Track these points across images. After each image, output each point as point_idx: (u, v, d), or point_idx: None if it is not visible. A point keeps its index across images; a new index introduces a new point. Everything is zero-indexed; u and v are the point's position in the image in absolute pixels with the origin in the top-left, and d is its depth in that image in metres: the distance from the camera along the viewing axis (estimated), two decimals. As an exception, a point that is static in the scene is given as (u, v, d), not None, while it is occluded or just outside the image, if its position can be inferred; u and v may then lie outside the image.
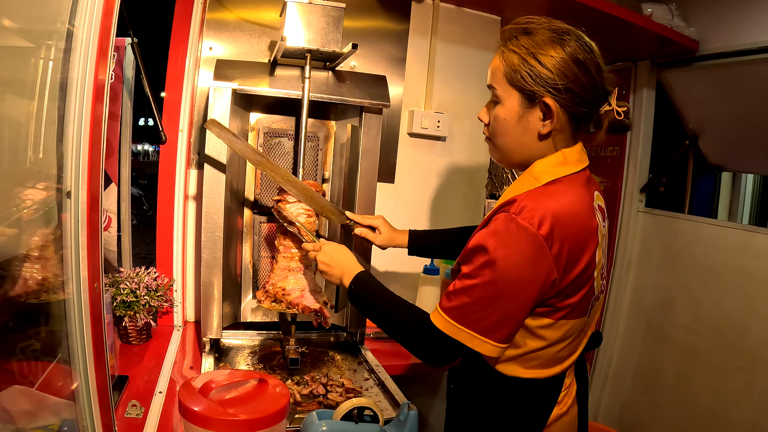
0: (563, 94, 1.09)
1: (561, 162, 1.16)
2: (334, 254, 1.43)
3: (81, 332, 0.95)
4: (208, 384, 1.18)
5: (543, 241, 1.03)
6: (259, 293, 1.67)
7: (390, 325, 1.25)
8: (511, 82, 1.13)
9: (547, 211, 1.04)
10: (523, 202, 1.07)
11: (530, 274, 1.05)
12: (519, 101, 1.14)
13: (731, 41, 2.26)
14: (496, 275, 1.05)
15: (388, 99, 1.78)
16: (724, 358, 2.22)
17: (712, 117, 2.58)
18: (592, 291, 1.16)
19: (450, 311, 1.11)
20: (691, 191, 2.83)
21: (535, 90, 1.10)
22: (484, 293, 1.07)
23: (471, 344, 1.09)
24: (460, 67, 2.28)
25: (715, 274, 2.30)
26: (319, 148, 1.91)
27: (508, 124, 1.16)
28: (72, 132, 0.91)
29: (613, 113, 1.16)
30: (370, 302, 1.31)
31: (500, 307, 1.06)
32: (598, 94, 1.14)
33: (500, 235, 1.06)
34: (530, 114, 1.13)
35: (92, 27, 0.90)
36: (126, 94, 1.93)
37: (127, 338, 1.80)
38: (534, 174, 1.15)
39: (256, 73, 1.72)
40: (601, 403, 2.79)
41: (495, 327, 1.07)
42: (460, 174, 2.36)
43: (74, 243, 0.92)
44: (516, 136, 1.17)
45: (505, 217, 1.07)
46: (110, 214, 1.96)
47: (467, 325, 1.08)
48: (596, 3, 2.03)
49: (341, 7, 1.63)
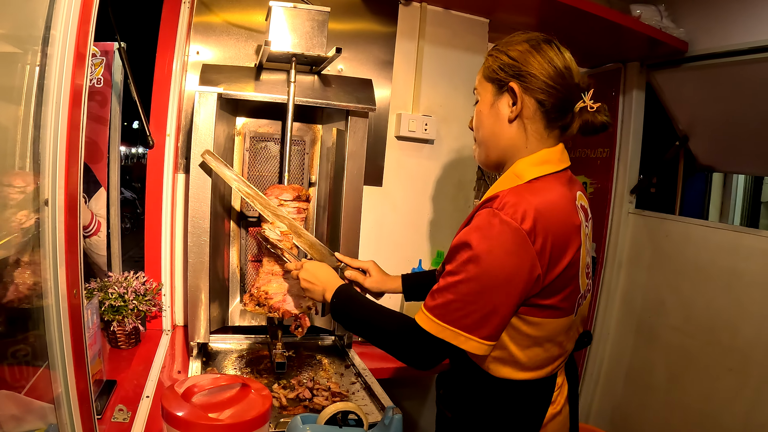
0: (526, 79, 1.17)
1: (542, 161, 1.18)
2: (315, 271, 1.44)
3: (60, 339, 0.95)
4: (191, 389, 1.19)
5: (526, 235, 1.04)
6: (245, 297, 1.67)
7: (373, 332, 1.25)
8: (486, 78, 1.24)
9: (530, 206, 1.06)
10: (505, 198, 1.09)
11: (514, 268, 1.05)
12: (491, 91, 1.23)
13: (720, 42, 2.26)
14: (480, 270, 1.06)
15: (373, 102, 1.79)
16: (714, 359, 2.22)
17: (702, 117, 2.58)
18: (578, 289, 1.17)
19: (434, 309, 1.11)
20: (682, 192, 2.84)
21: (501, 77, 1.20)
22: (468, 289, 1.07)
23: (456, 342, 1.08)
24: (448, 70, 2.28)
25: (705, 276, 2.30)
26: (305, 151, 1.91)
27: (483, 115, 1.25)
28: (49, 137, 0.91)
29: (587, 109, 1.19)
30: (352, 313, 1.31)
31: (485, 302, 1.07)
32: (567, 86, 1.18)
33: (483, 230, 1.07)
34: (500, 101, 1.21)
35: (69, 32, 0.91)
36: (115, 98, 1.93)
37: (116, 342, 1.80)
38: (516, 172, 1.18)
39: (242, 77, 1.72)
40: (592, 404, 2.79)
41: (480, 323, 1.07)
42: (448, 176, 2.36)
43: (52, 250, 0.92)
44: (490, 125, 1.24)
45: (488, 213, 1.08)
46: (100, 219, 1.96)
47: (452, 323, 1.08)
48: (585, 5, 2.04)
49: (326, 11, 1.63)
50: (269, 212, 1.60)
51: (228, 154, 1.81)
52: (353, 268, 1.63)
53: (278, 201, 1.64)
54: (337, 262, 1.63)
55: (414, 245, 2.33)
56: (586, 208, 1.25)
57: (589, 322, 2.71)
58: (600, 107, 1.19)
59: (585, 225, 1.20)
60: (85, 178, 1.91)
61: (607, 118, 1.20)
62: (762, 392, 2.03)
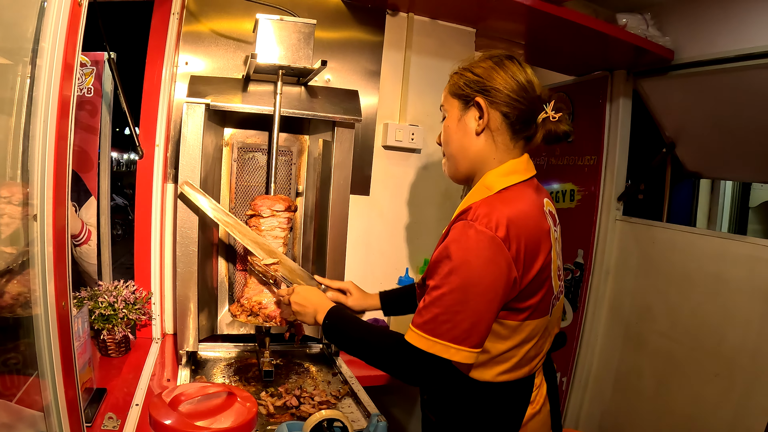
0: (491, 93, 1.22)
1: (510, 171, 1.24)
2: (306, 294, 1.48)
3: (49, 348, 0.97)
4: (179, 397, 1.22)
5: (501, 242, 1.09)
6: (233, 307, 1.69)
7: (366, 352, 1.27)
8: (452, 94, 1.30)
9: (502, 215, 1.11)
10: (478, 209, 1.13)
11: (494, 274, 1.09)
12: (458, 107, 1.28)
13: (706, 50, 2.28)
14: (462, 280, 1.09)
15: (359, 113, 1.81)
16: (701, 364, 2.24)
17: (688, 125, 2.61)
18: (551, 291, 1.22)
19: (422, 326, 1.13)
20: (669, 199, 2.86)
21: (467, 93, 1.25)
22: (453, 300, 1.10)
23: (447, 354, 1.11)
24: (435, 80, 2.30)
25: (692, 282, 2.31)
26: (292, 162, 1.93)
27: (450, 130, 1.31)
28: (37, 148, 0.92)
29: (549, 119, 1.24)
30: (344, 333, 1.33)
31: (470, 311, 1.09)
32: (530, 99, 1.23)
33: (461, 241, 1.11)
34: (467, 116, 1.27)
35: (57, 44, 0.92)
36: (105, 107, 1.94)
37: (106, 351, 1.81)
38: (486, 184, 1.23)
39: (230, 88, 1.74)
40: (581, 409, 2.80)
41: (468, 333, 1.10)
42: (435, 185, 2.38)
43: (40, 261, 0.94)
44: (458, 140, 1.29)
45: (464, 225, 1.12)
46: (90, 228, 1.97)
47: (441, 336, 1.11)
48: (571, 15, 2.06)
49: (312, 23, 1.65)
50: (249, 240, 1.64)
51: (216, 164, 1.82)
52: (334, 289, 1.67)
53: (270, 211, 1.66)
54: (318, 285, 1.66)
55: (401, 253, 2.35)
56: (554, 214, 1.31)
57: (577, 328, 2.72)
58: (561, 117, 1.25)
59: (554, 229, 1.26)
60: (76, 187, 1.92)
61: (569, 127, 1.26)
62: (748, 397, 2.05)
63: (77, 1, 0.95)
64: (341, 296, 1.66)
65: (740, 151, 2.48)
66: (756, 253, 2.07)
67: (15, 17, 1.03)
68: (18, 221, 1.00)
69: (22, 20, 0.98)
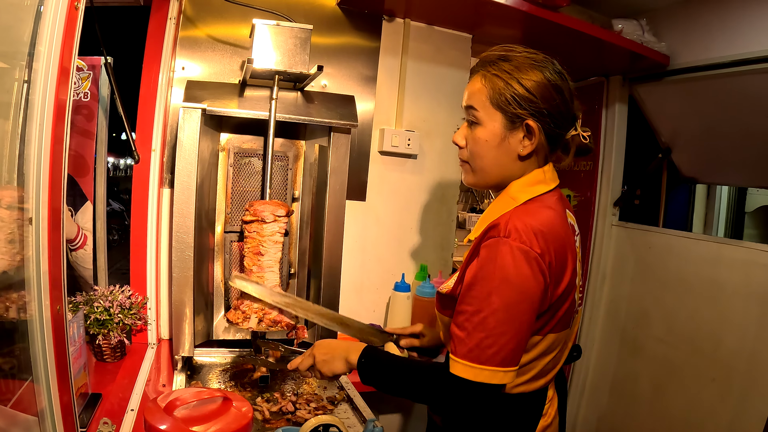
0: (544, 117, 1.14)
1: (536, 181, 1.19)
2: (329, 343, 1.36)
3: (44, 354, 0.97)
4: (174, 402, 1.21)
5: (539, 257, 1.05)
6: (233, 315, 1.65)
7: (411, 391, 1.21)
8: (494, 105, 1.16)
9: (534, 228, 1.07)
10: (508, 224, 1.08)
11: (533, 290, 1.06)
12: (501, 123, 1.16)
13: (701, 55, 2.30)
14: (504, 300, 1.05)
15: (355, 119, 1.81)
16: (698, 369, 2.25)
17: (684, 130, 2.62)
18: (574, 303, 1.19)
19: (467, 355, 1.07)
20: (665, 204, 2.87)
21: (518, 112, 1.14)
22: (496, 321, 1.06)
23: (495, 380, 1.06)
24: (431, 85, 2.31)
25: (688, 287, 2.32)
26: (288, 167, 1.93)
27: (489, 145, 1.19)
28: (33, 152, 0.92)
29: (579, 137, 1.20)
30: (384, 372, 1.24)
31: (514, 331, 1.06)
32: (571, 118, 1.19)
33: (497, 260, 1.07)
34: (511, 136, 1.17)
35: (53, 47, 0.92)
36: (101, 112, 1.94)
37: (102, 356, 1.80)
38: (511, 194, 1.19)
39: (226, 94, 1.74)
40: (578, 415, 2.80)
41: (514, 353, 1.07)
42: (431, 191, 2.38)
43: (35, 265, 0.94)
44: (496, 158, 1.19)
45: (497, 242, 1.08)
46: (86, 232, 1.97)
47: (487, 362, 1.06)
48: (567, 21, 2.07)
49: (308, 28, 1.66)
50: (312, 314, 1.59)
51: (212, 169, 1.82)
52: (406, 336, 1.58)
53: (273, 217, 1.65)
54: (389, 337, 1.58)
55: (397, 259, 2.34)
56: (574, 226, 1.27)
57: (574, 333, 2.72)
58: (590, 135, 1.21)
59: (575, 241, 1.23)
60: (72, 192, 1.92)
61: (592, 145, 1.22)
62: (745, 401, 2.05)
63: (74, 5, 0.95)
64: (415, 341, 1.56)
65: (736, 156, 2.50)
66: (752, 257, 2.08)
67: (11, 20, 1.03)
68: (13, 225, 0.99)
69: (18, 24, 0.99)
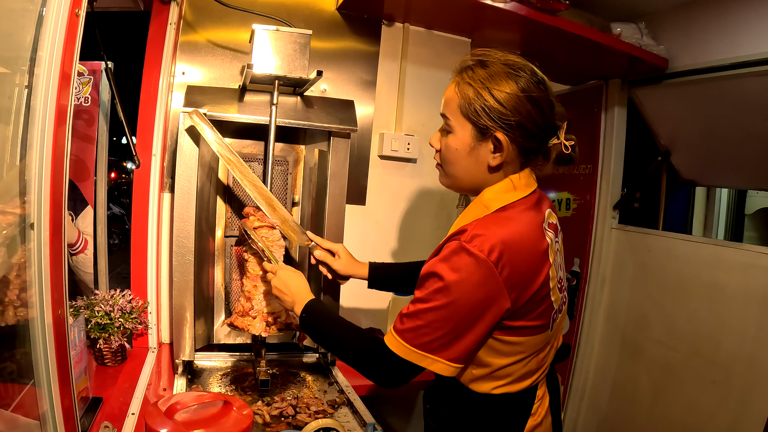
0: (515, 130, 1.13)
1: (509, 188, 1.19)
2: (287, 280, 1.44)
3: (46, 358, 0.97)
4: (174, 406, 1.22)
5: (492, 266, 1.07)
6: (241, 322, 1.64)
7: (343, 350, 1.28)
8: (464, 115, 1.16)
9: (497, 238, 1.08)
10: (473, 230, 1.10)
11: (481, 298, 1.08)
12: (471, 133, 1.16)
13: (700, 58, 2.30)
14: (448, 300, 1.09)
15: (355, 123, 1.82)
16: (698, 372, 2.25)
17: (683, 133, 2.63)
18: (551, 306, 1.19)
19: (403, 333, 1.14)
20: (665, 207, 2.87)
21: (487, 124, 1.13)
22: (436, 317, 1.10)
23: (423, 363, 1.12)
24: (430, 90, 2.31)
25: (687, 290, 2.32)
26: (288, 171, 1.93)
27: (459, 154, 1.20)
28: (35, 157, 0.93)
29: (561, 146, 1.20)
30: (322, 329, 1.33)
31: (452, 329, 1.10)
32: (549, 129, 1.19)
33: (452, 262, 1.10)
34: (481, 147, 1.17)
35: (54, 53, 0.93)
36: (102, 117, 1.95)
37: (102, 360, 1.80)
38: (484, 202, 1.19)
39: (226, 98, 1.75)
40: (578, 418, 2.80)
41: (446, 347, 1.11)
42: (431, 195, 2.38)
43: (37, 270, 0.94)
44: (466, 167, 1.20)
45: (457, 245, 1.10)
46: (87, 237, 1.97)
47: (419, 347, 1.12)
48: (566, 25, 2.08)
49: (308, 33, 1.66)
50: (247, 181, 1.61)
51: (212, 174, 1.83)
52: (323, 249, 1.66)
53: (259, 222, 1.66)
54: (307, 241, 1.66)
55: (397, 263, 2.34)
56: (556, 224, 1.27)
57: (574, 337, 2.73)
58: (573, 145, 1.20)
59: (555, 242, 1.23)
60: (72, 196, 1.92)
61: (576, 154, 1.21)
62: (744, 404, 2.05)
63: (75, 11, 0.96)
64: (329, 257, 1.65)
65: (735, 159, 2.50)
66: (752, 260, 2.09)
67: (13, 26, 1.04)
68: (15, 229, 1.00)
69: (20, 29, 0.99)
